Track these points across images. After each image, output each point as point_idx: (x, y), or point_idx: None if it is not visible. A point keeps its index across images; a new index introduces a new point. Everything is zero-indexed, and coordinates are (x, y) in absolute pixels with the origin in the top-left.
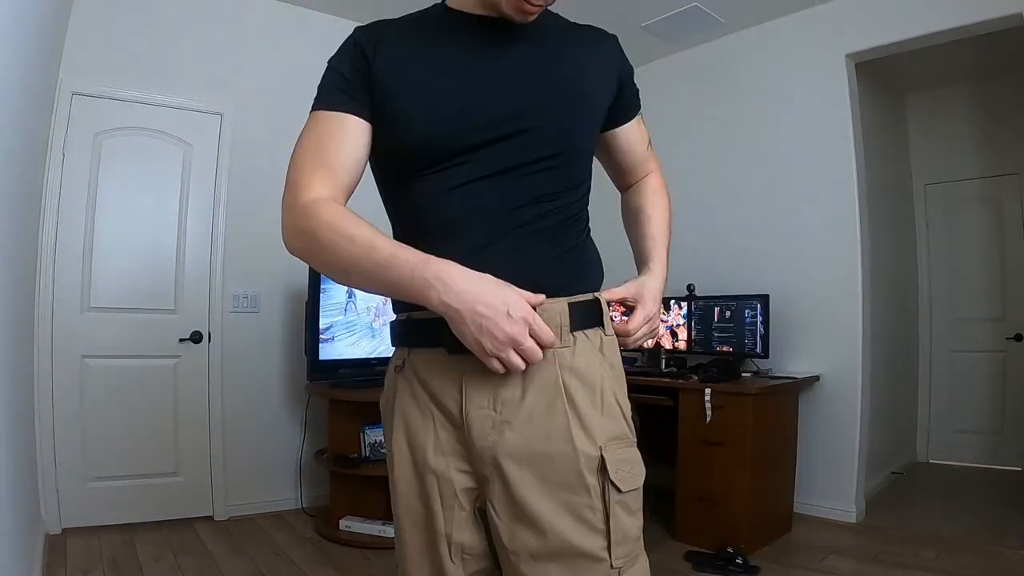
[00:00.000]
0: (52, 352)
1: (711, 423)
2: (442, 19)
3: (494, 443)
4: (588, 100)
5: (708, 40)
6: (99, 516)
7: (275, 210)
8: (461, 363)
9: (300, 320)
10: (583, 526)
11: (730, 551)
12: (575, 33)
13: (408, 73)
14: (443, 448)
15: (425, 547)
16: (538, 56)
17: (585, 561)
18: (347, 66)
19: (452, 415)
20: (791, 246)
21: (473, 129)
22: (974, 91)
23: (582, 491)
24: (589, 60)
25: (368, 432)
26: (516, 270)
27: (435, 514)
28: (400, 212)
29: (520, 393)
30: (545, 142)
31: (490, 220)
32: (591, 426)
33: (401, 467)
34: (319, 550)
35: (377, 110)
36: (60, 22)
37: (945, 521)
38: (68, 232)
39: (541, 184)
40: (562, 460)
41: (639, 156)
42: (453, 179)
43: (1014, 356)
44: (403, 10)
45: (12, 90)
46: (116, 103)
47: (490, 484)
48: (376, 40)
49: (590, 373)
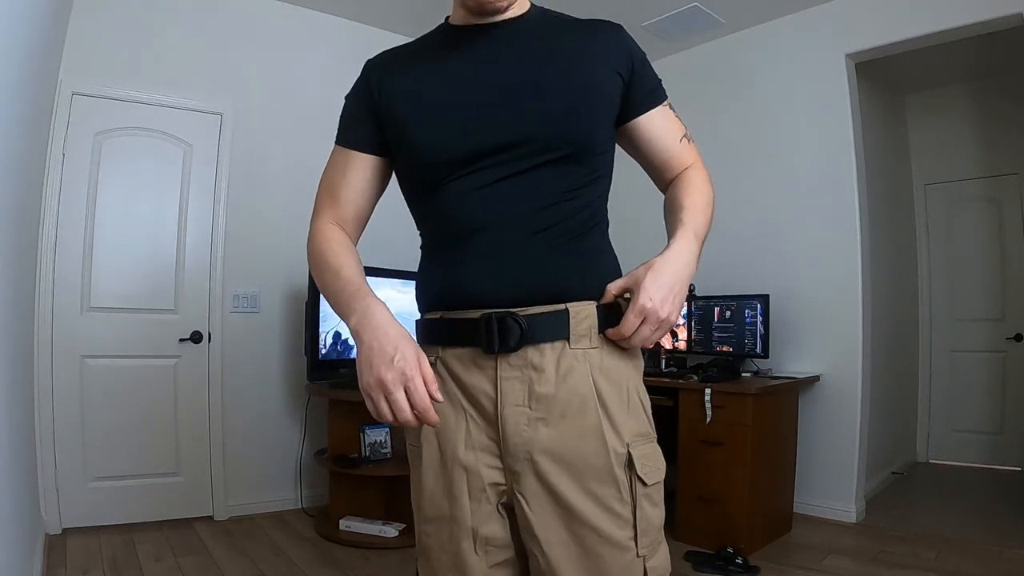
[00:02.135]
0: (52, 352)
1: (711, 423)
2: (444, 36)
3: (529, 439)
4: (593, 94)
5: (708, 40)
6: (99, 516)
7: (275, 210)
8: (496, 362)
9: (300, 320)
10: (613, 517)
11: (730, 551)
12: (576, 28)
13: (412, 96)
14: (474, 443)
15: (448, 540)
16: (538, 56)
17: (615, 550)
18: (355, 100)
19: (486, 411)
20: (791, 246)
21: (480, 138)
22: (974, 91)
23: (612, 485)
24: (590, 54)
25: (368, 432)
26: (541, 272)
27: (462, 507)
28: (426, 220)
29: (554, 391)
30: (553, 142)
31: (510, 223)
32: (619, 424)
33: (429, 461)
34: (319, 550)
35: (388, 134)
36: (60, 22)
37: (945, 521)
38: (68, 232)
39: (557, 184)
40: (594, 456)
41: (669, 149)
42: (469, 185)
43: (1014, 356)
44: (400, 9)
45: (12, 90)
46: (116, 103)
47: (522, 478)
48: (381, 69)
49: (617, 373)
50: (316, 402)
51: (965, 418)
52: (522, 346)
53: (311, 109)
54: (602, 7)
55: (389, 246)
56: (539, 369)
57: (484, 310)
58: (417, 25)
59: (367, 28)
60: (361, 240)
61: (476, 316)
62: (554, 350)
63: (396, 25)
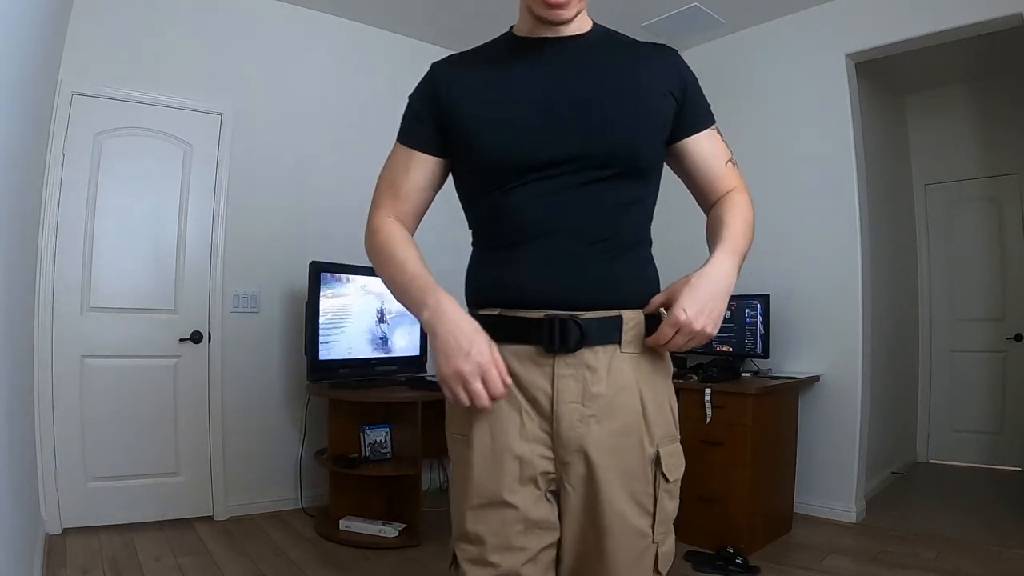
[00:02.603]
0: (52, 352)
1: (711, 423)
2: (509, 46)
3: (582, 434)
4: (651, 116)
5: (708, 40)
6: (99, 516)
7: (275, 210)
8: (554, 361)
9: (300, 320)
10: (638, 507)
11: (730, 551)
12: (635, 50)
13: (479, 101)
14: (528, 435)
15: (499, 523)
16: (603, 76)
17: (636, 535)
18: (419, 101)
19: (541, 406)
20: (791, 246)
21: (549, 148)
22: (974, 91)
23: (643, 479)
24: (648, 76)
25: (368, 432)
26: (598, 280)
27: (513, 493)
28: (485, 221)
29: (605, 391)
30: (615, 159)
31: (572, 231)
32: (653, 424)
33: (481, 449)
34: (319, 550)
35: (452, 137)
36: (60, 22)
37: (945, 521)
38: (68, 232)
39: (614, 198)
40: (632, 452)
41: (714, 171)
42: (535, 192)
43: (1014, 356)
44: (400, 9)
45: (12, 90)
46: (116, 103)
47: (571, 468)
48: (448, 74)
49: (655, 378)
50: (316, 402)
51: (965, 418)
52: (580, 348)
53: (311, 109)
54: (602, 7)
55: None
56: (593, 369)
57: (543, 311)
58: (417, 25)
59: (367, 28)
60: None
61: (540, 316)
62: (606, 353)
63: (396, 25)
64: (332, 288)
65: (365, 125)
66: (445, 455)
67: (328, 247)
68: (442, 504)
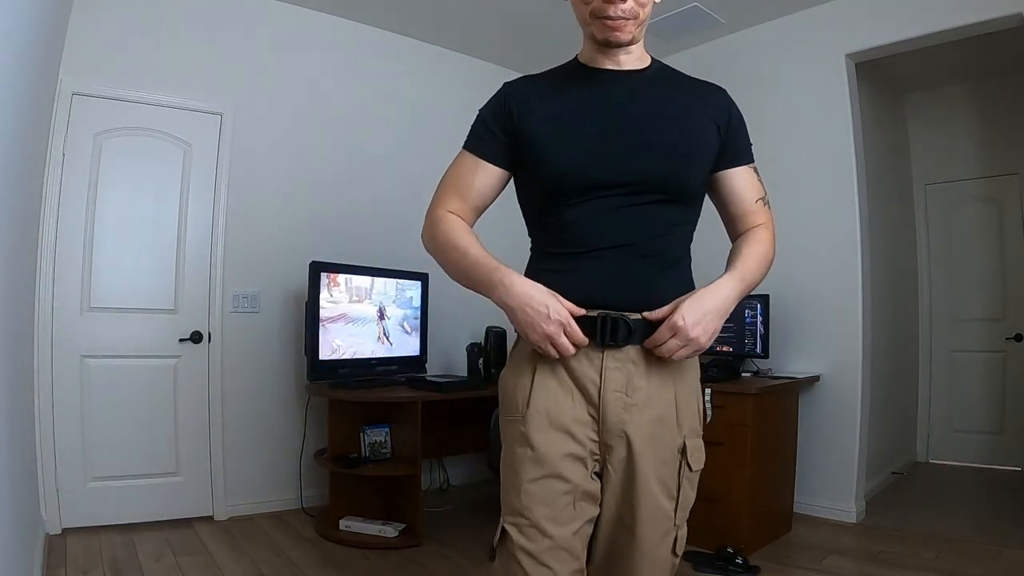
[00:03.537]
0: (52, 352)
1: (711, 423)
2: (576, 73)
3: (625, 421)
4: (702, 148)
5: (708, 40)
6: (99, 516)
7: (275, 210)
8: (603, 354)
9: (300, 320)
10: (665, 491)
11: (730, 551)
12: (689, 85)
13: (548, 123)
14: (579, 418)
15: (552, 495)
16: (661, 109)
17: (663, 517)
18: (491, 116)
19: (590, 394)
20: (791, 246)
21: (615, 170)
22: (974, 91)
23: (672, 466)
24: (701, 108)
25: (368, 432)
26: (646, 289)
27: (568, 468)
28: (548, 231)
29: (646, 384)
30: (669, 185)
31: (628, 245)
32: (683, 417)
33: (540, 427)
34: (319, 550)
35: (522, 153)
36: (60, 22)
37: (945, 521)
38: (68, 232)
39: (665, 219)
40: (665, 440)
41: (746, 204)
42: (599, 208)
43: (1014, 356)
44: (400, 11)
45: (11, 90)
46: (116, 103)
47: (614, 451)
48: (520, 95)
49: (687, 376)
50: (316, 402)
51: (965, 418)
52: (627, 344)
53: (311, 109)
54: None
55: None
56: (637, 364)
57: (597, 311)
58: (417, 25)
59: (367, 28)
60: (367, 242)
61: (594, 315)
62: (648, 351)
63: (396, 26)
64: (332, 288)
65: (365, 125)
66: (445, 455)
67: (328, 247)
68: (442, 504)
